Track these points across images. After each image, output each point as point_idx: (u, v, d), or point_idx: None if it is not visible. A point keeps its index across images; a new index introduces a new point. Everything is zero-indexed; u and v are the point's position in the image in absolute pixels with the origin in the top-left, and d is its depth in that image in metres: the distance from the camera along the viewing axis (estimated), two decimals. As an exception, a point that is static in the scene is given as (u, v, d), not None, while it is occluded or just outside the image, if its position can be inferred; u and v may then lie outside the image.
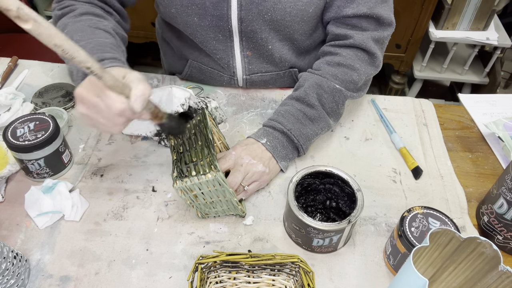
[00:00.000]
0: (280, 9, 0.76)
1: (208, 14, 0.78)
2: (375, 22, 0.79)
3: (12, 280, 0.57)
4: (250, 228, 0.69)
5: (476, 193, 0.77)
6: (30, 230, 0.67)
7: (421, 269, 0.57)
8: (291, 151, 0.77)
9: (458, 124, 0.91)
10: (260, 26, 0.79)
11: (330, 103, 0.79)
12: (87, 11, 0.77)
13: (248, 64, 0.87)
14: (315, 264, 0.65)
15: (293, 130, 0.76)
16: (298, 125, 0.76)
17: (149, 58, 2.30)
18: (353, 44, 0.79)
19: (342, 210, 0.71)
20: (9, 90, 0.86)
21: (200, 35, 0.83)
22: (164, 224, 0.69)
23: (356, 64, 0.79)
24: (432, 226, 0.60)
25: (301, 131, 0.76)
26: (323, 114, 0.78)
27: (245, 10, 0.77)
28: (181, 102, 0.76)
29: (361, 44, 0.79)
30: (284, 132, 0.76)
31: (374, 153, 0.83)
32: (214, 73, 0.91)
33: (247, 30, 0.80)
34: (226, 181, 0.62)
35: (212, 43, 0.84)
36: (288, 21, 0.79)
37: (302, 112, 0.77)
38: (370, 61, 0.81)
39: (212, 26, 0.81)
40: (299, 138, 0.76)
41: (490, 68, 1.93)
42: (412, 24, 1.82)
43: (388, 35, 0.81)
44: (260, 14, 0.77)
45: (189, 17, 0.79)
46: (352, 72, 0.79)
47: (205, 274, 0.58)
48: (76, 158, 0.79)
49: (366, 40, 0.79)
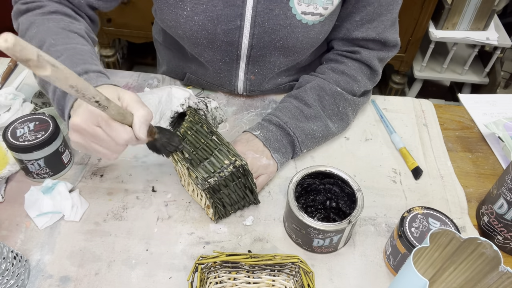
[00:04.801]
0: (293, 38, 0.76)
1: (218, 39, 0.77)
2: (381, 44, 0.82)
3: (12, 280, 0.57)
4: (250, 229, 0.69)
5: (476, 193, 0.77)
6: (30, 230, 0.67)
7: (421, 269, 0.57)
8: (285, 145, 0.76)
9: (458, 124, 0.91)
10: (270, 51, 0.79)
11: (330, 105, 0.80)
12: (57, 9, 0.72)
13: (250, 85, 0.87)
14: (315, 264, 0.65)
15: (289, 123, 0.76)
16: (294, 120, 0.77)
17: (149, 58, 2.30)
18: (359, 59, 0.82)
19: (342, 210, 0.71)
20: (9, 90, 0.86)
21: (207, 55, 0.81)
22: (164, 224, 0.69)
23: (358, 76, 0.82)
24: (432, 227, 0.60)
25: (297, 125, 0.76)
26: (320, 114, 0.79)
27: (257, 39, 0.76)
28: (181, 102, 0.76)
29: (366, 61, 0.82)
30: (280, 125, 0.76)
31: (374, 153, 0.83)
32: (213, 86, 0.91)
33: (256, 55, 0.80)
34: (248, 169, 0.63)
35: (218, 64, 0.83)
36: (299, 48, 0.79)
37: (299, 109, 0.78)
38: (371, 77, 0.84)
39: (220, 50, 0.79)
40: (295, 131, 0.76)
41: (490, 68, 1.93)
42: (412, 24, 1.82)
43: (392, 55, 0.84)
44: (272, 42, 0.77)
45: (198, 40, 0.78)
46: (353, 83, 0.82)
47: (205, 275, 0.58)
48: (76, 158, 0.79)
49: (372, 58, 0.82)
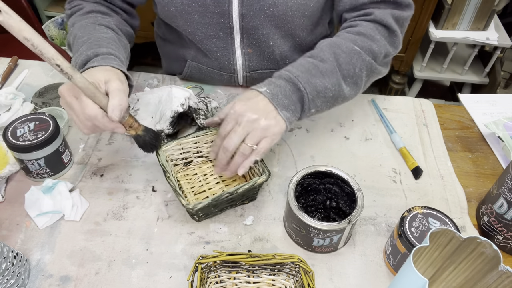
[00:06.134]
0: (282, 3, 0.76)
1: (209, 11, 0.78)
2: (393, 4, 0.77)
3: (12, 280, 0.57)
4: (250, 228, 0.69)
5: (476, 193, 0.77)
6: (30, 230, 0.67)
7: (421, 269, 0.57)
8: (294, 102, 0.68)
9: (458, 124, 0.91)
10: (261, 22, 0.79)
11: (346, 65, 0.72)
12: (93, 9, 0.80)
13: (249, 61, 0.87)
14: (315, 264, 0.65)
15: (301, 77, 0.68)
16: (307, 74, 0.69)
17: (149, 58, 2.30)
18: (373, 19, 0.76)
19: (342, 210, 0.71)
20: (9, 90, 0.86)
21: (201, 33, 0.83)
22: (164, 224, 0.69)
23: (376, 35, 0.75)
24: (432, 226, 0.60)
25: (309, 80, 0.68)
26: (336, 71, 0.71)
27: (247, 6, 0.77)
28: (181, 102, 0.76)
29: (382, 20, 0.75)
30: (291, 79, 0.68)
31: (374, 153, 0.83)
32: (213, 72, 0.91)
33: (248, 27, 0.80)
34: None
35: (213, 41, 0.84)
36: (290, 16, 0.78)
37: (313, 64, 0.70)
38: (390, 38, 0.77)
39: (212, 24, 0.81)
40: (306, 86, 0.68)
41: (490, 68, 1.93)
42: (412, 24, 1.82)
43: (408, 16, 0.78)
44: (261, 9, 0.77)
45: (189, 15, 0.79)
46: (371, 42, 0.74)
47: (205, 274, 0.58)
48: (76, 158, 0.79)
49: (387, 16, 0.75)
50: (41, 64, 0.99)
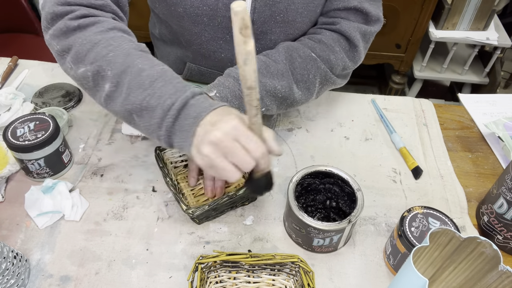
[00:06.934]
0: (293, 10, 0.75)
1: (219, 15, 0.76)
2: (363, 16, 0.77)
3: (12, 280, 0.57)
4: (250, 228, 0.69)
5: (476, 193, 0.77)
6: (30, 230, 0.67)
7: (421, 269, 0.57)
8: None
9: (458, 124, 0.91)
10: (271, 27, 0.78)
11: (301, 69, 0.73)
12: (115, 26, 0.65)
13: None
14: (315, 264, 0.65)
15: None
16: (257, 73, 0.66)
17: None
18: (338, 29, 0.76)
19: (342, 210, 0.71)
20: (9, 90, 0.86)
21: (208, 34, 0.81)
22: (164, 224, 0.69)
23: (336, 47, 0.76)
24: (432, 226, 0.60)
25: (259, 79, 0.67)
26: (288, 74, 0.72)
27: (258, 13, 0.76)
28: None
29: (345, 32, 0.75)
30: (238, 78, 0.67)
31: (374, 153, 0.83)
32: (214, 73, 0.90)
33: (257, 32, 0.79)
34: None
35: (219, 43, 0.83)
36: (299, 22, 0.78)
37: (265, 64, 0.71)
38: (350, 53, 0.78)
39: (221, 27, 0.79)
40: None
41: (490, 68, 1.93)
42: (412, 24, 1.82)
43: (374, 31, 0.79)
44: (272, 15, 0.76)
45: (198, 17, 0.78)
46: (330, 53, 0.75)
47: (205, 274, 0.58)
48: (76, 158, 0.79)
49: (352, 29, 0.76)
50: (41, 64, 0.99)
